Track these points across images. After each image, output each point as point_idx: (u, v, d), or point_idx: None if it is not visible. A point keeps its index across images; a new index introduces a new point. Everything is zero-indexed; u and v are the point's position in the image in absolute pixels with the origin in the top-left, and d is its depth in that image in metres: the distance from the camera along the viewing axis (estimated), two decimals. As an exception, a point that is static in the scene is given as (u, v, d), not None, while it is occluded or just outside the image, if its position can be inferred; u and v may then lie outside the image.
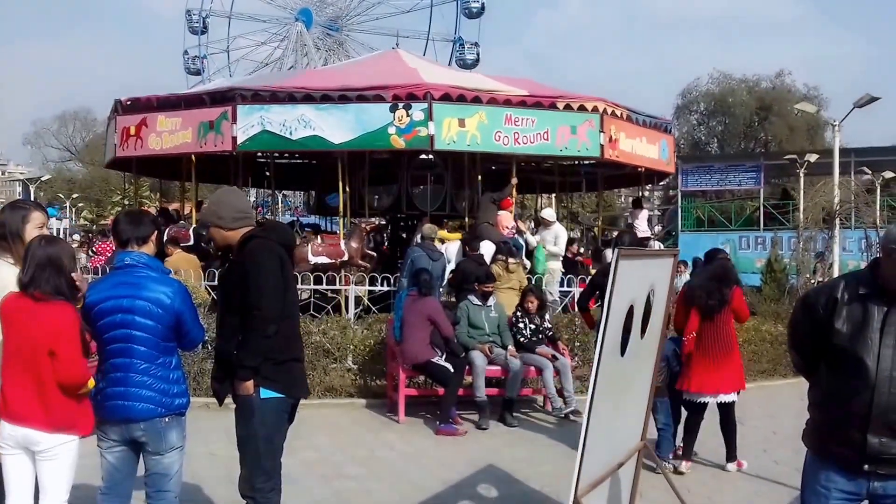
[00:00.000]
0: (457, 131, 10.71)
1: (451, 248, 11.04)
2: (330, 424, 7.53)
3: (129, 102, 12.25)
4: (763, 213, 26.53)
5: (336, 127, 10.61)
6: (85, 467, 3.76)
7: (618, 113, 12.08)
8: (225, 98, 11.07)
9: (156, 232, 3.97)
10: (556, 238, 11.78)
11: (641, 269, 4.35)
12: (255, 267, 3.84)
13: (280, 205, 17.90)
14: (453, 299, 9.37)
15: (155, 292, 3.70)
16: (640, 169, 13.62)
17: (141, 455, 3.81)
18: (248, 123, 10.77)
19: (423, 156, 12.98)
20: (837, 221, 18.65)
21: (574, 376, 8.14)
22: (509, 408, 7.79)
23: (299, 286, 9.57)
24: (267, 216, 19.57)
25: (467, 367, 7.74)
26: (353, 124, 10.61)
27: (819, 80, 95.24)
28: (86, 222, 51.09)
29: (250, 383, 3.82)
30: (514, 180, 12.29)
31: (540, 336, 8.17)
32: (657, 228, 37.19)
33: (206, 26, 42.70)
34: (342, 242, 11.40)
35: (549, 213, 12.54)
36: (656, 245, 15.32)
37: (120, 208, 30.46)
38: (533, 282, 9.74)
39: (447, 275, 10.01)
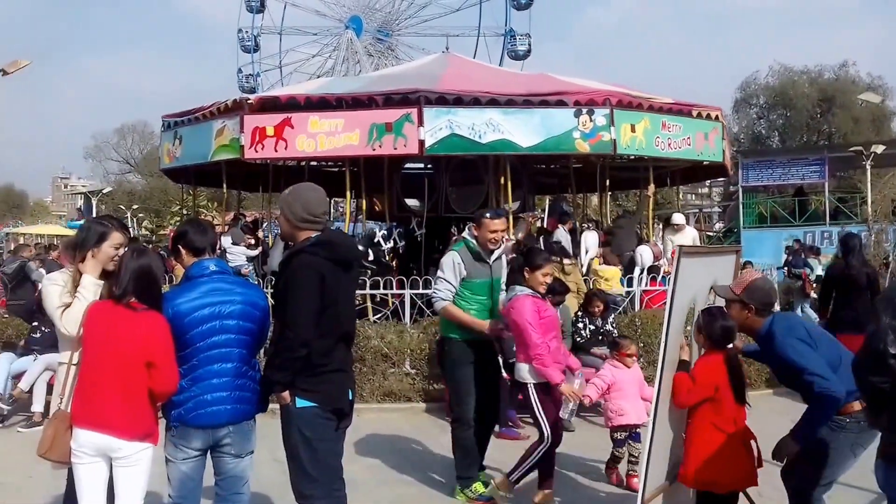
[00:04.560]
0: (630, 136, 10.91)
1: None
2: (390, 429, 7.55)
3: (255, 102, 11.27)
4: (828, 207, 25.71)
5: (523, 131, 10.61)
6: (153, 474, 3.81)
7: (723, 122, 12.58)
8: (406, 100, 10.69)
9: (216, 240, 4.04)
10: (693, 241, 12.26)
11: (702, 267, 4.25)
12: (293, 288, 3.79)
13: (333, 210, 17.82)
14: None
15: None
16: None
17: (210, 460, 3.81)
18: (436, 126, 10.45)
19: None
20: (908, 214, 18.00)
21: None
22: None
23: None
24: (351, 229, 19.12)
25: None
26: (539, 128, 10.65)
27: (884, 70, 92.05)
28: (146, 232, 52.51)
29: (286, 393, 3.81)
30: (652, 187, 12.64)
31: (600, 337, 8.05)
32: (718, 225, 36.24)
33: (258, 44, 43.43)
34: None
35: (678, 218, 12.58)
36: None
37: (178, 218, 31.13)
38: (591, 284, 9.63)
39: None
